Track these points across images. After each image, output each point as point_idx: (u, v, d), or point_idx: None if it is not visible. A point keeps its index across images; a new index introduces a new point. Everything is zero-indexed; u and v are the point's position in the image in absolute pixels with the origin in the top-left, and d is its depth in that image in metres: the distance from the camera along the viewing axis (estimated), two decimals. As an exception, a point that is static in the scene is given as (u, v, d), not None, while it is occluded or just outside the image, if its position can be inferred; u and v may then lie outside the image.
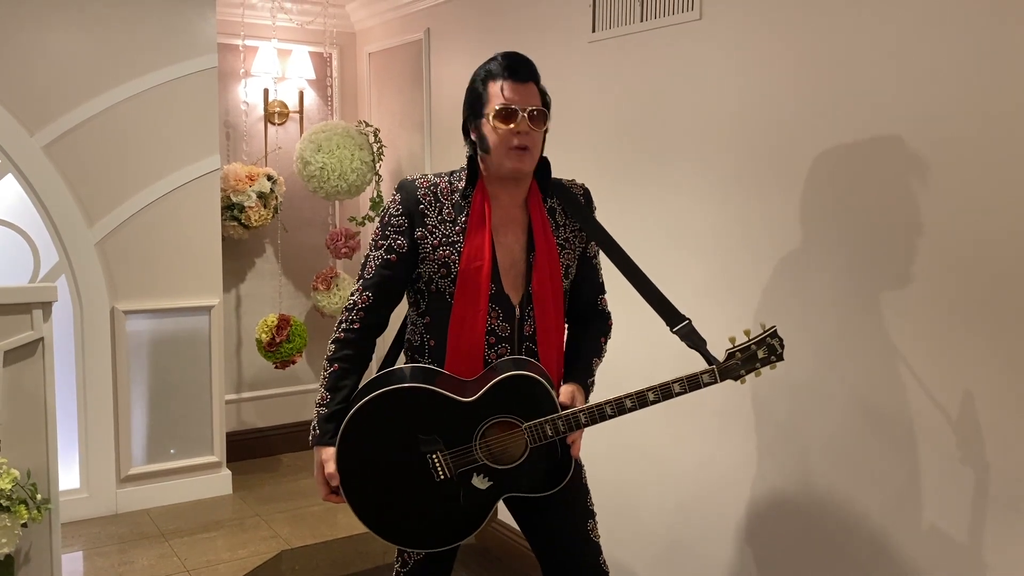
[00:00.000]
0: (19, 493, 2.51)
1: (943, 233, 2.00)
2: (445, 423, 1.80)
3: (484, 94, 1.85)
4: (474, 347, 1.85)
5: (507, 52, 1.87)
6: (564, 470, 1.87)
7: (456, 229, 1.87)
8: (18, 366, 2.64)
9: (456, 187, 1.90)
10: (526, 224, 1.92)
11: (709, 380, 1.80)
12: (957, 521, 2.01)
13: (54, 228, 3.64)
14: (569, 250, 1.96)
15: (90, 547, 3.51)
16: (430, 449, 1.80)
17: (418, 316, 1.94)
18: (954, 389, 2.00)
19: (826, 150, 2.26)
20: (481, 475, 1.82)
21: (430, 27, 4.06)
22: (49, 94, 3.59)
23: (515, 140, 1.81)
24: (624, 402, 1.80)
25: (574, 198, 1.97)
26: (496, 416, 1.80)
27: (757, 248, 2.46)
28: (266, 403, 4.70)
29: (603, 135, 2.99)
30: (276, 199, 4.30)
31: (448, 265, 1.86)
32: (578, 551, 1.96)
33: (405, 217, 1.87)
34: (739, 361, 1.81)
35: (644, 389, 1.79)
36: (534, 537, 2.01)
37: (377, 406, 1.82)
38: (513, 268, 1.89)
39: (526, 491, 1.86)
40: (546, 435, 1.80)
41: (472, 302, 1.84)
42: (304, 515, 3.87)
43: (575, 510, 1.98)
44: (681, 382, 1.79)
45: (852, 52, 2.18)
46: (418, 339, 1.95)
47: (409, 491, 1.83)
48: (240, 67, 4.44)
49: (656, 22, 2.74)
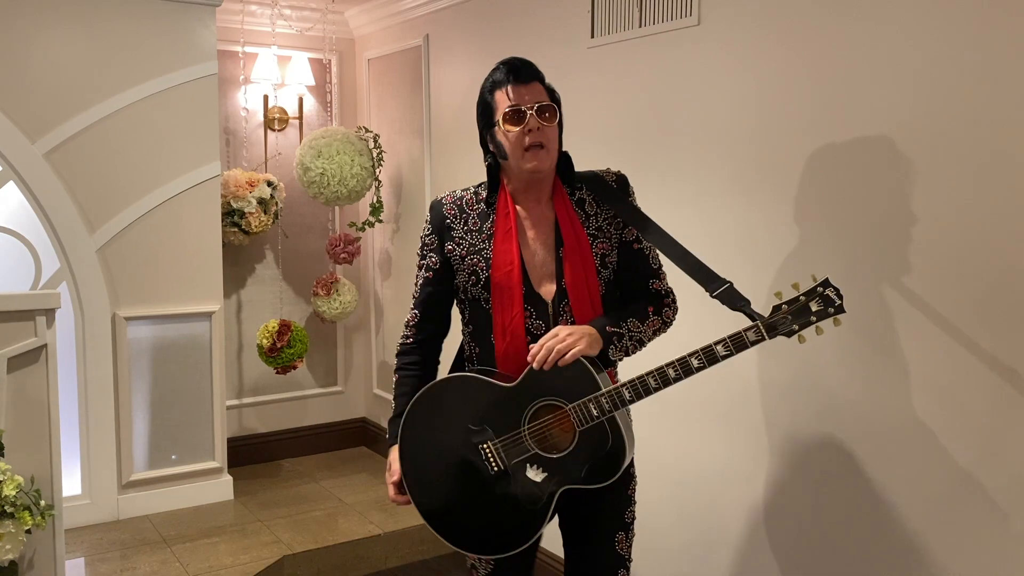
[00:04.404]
0: (23, 499, 2.51)
1: (941, 234, 2.02)
2: (491, 411, 1.85)
3: (492, 103, 1.88)
4: (518, 349, 1.88)
5: (508, 58, 1.90)
6: (618, 457, 1.81)
7: (482, 237, 1.91)
8: (21, 373, 2.64)
9: (480, 197, 1.95)
10: (553, 221, 1.92)
11: (755, 338, 1.70)
12: (957, 522, 2.02)
13: (55, 235, 3.65)
14: (603, 239, 1.93)
15: (92, 553, 3.51)
16: (481, 439, 1.85)
17: (464, 326, 2.02)
18: (954, 389, 2.02)
19: (824, 154, 2.27)
20: (535, 466, 1.83)
21: (429, 33, 4.07)
22: (50, 101, 3.61)
23: (528, 139, 1.83)
24: (667, 371, 1.73)
25: (605, 185, 1.95)
26: (540, 399, 1.82)
27: (756, 251, 2.47)
28: (267, 408, 4.70)
29: (602, 140, 3.01)
30: (276, 205, 4.31)
31: (477, 273, 1.90)
32: (599, 560, 1.96)
33: (435, 235, 1.96)
34: (788, 315, 1.70)
35: (686, 355, 1.72)
36: (568, 540, 2.02)
37: (421, 404, 1.91)
38: (543, 267, 1.90)
39: (582, 482, 1.81)
40: (591, 415, 1.77)
41: (508, 307, 1.88)
42: (306, 520, 3.87)
43: (608, 518, 1.97)
44: (725, 343, 1.70)
45: (849, 56, 2.19)
46: (467, 349, 2.02)
47: (470, 489, 1.87)
48: (240, 74, 4.46)
49: (655, 28, 2.76)
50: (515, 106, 1.83)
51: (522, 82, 1.85)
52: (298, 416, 4.79)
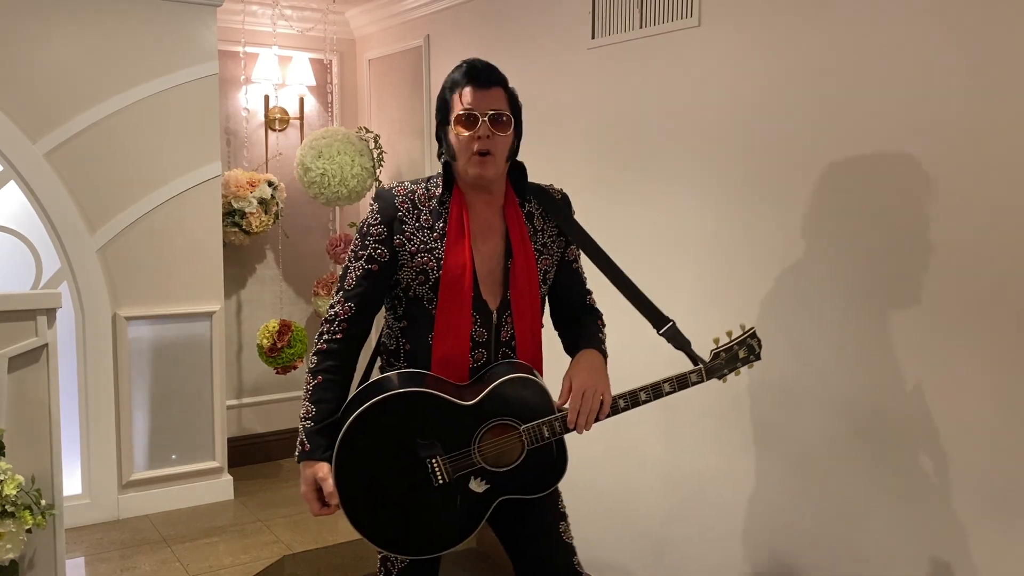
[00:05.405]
0: (23, 499, 2.51)
1: (941, 235, 2.02)
2: (444, 427, 1.80)
3: (449, 101, 1.85)
4: (460, 353, 1.86)
5: (471, 59, 1.87)
6: (558, 471, 1.90)
7: (434, 236, 1.86)
8: (22, 372, 2.64)
9: (433, 194, 1.89)
10: (503, 231, 1.91)
11: (697, 379, 1.89)
12: (956, 524, 2.03)
13: (56, 235, 3.65)
14: (547, 255, 1.95)
15: (92, 553, 3.51)
16: (429, 454, 1.80)
17: (395, 320, 1.95)
18: (954, 394, 2.02)
19: (824, 156, 2.28)
20: (479, 478, 1.82)
21: (430, 33, 4.08)
22: (51, 101, 3.61)
23: (476, 145, 1.81)
24: (617, 402, 1.86)
25: (553, 200, 1.97)
26: (495, 419, 1.81)
27: (756, 254, 2.48)
28: (267, 408, 4.70)
29: (602, 141, 3.01)
30: (277, 205, 4.32)
31: (426, 272, 1.85)
32: (552, 553, 1.96)
33: (384, 226, 1.86)
34: (723, 361, 1.92)
35: (636, 389, 1.87)
36: (508, 541, 2.01)
37: (376, 413, 1.80)
38: (491, 275, 1.89)
39: (521, 493, 1.87)
40: (543, 436, 1.82)
41: (456, 310, 1.85)
42: (306, 520, 3.87)
43: (548, 512, 1.98)
44: (671, 381, 1.88)
45: (849, 59, 2.20)
46: (393, 343, 1.95)
47: (407, 498, 1.81)
48: (241, 74, 4.46)
49: (655, 28, 2.76)
50: (469, 110, 1.81)
51: (481, 86, 1.82)
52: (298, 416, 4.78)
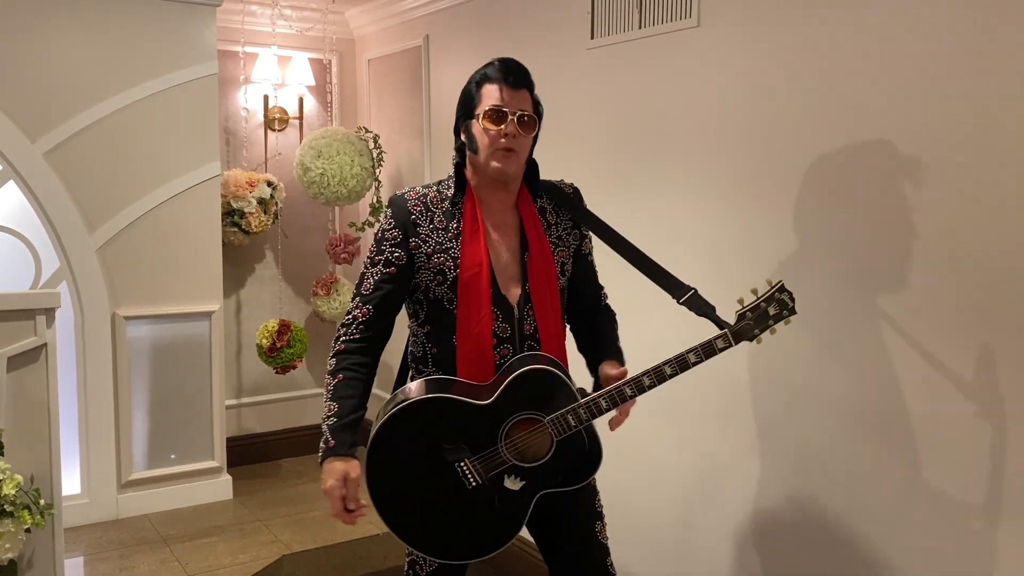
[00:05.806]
0: (22, 498, 2.51)
1: (942, 235, 2.02)
2: (468, 429, 1.81)
3: (477, 96, 1.89)
4: (483, 351, 1.86)
5: (504, 58, 1.91)
6: (593, 459, 1.88)
7: (449, 236, 1.88)
8: (21, 372, 2.65)
9: (445, 195, 1.92)
10: (517, 226, 1.94)
11: (724, 345, 1.79)
12: (956, 523, 2.03)
13: (55, 234, 3.65)
14: (563, 247, 1.98)
15: (91, 552, 3.51)
16: (457, 457, 1.80)
17: (418, 327, 1.96)
18: (952, 390, 2.02)
19: (823, 156, 2.28)
20: (513, 476, 1.82)
21: (429, 33, 4.08)
22: (50, 101, 3.61)
23: (502, 141, 1.84)
24: (642, 380, 1.79)
25: (563, 193, 2.01)
26: (517, 414, 1.81)
27: (755, 253, 2.48)
28: (266, 408, 4.71)
29: (601, 141, 3.01)
30: (276, 205, 4.32)
31: (444, 272, 1.87)
32: (586, 552, 1.98)
33: (398, 229, 1.89)
34: (751, 321, 1.81)
35: (660, 364, 1.79)
36: (543, 539, 2.01)
37: (396, 424, 1.83)
38: (508, 270, 1.91)
39: (558, 486, 1.86)
40: (569, 425, 1.81)
41: (475, 308, 1.86)
42: (305, 520, 3.88)
43: (584, 511, 1.99)
44: (696, 351, 1.79)
45: (849, 59, 2.20)
46: (420, 349, 1.96)
47: (446, 504, 1.83)
48: (240, 74, 4.46)
49: (654, 29, 2.77)
50: (499, 107, 1.84)
51: (513, 86, 1.86)
52: (297, 416, 4.80)
